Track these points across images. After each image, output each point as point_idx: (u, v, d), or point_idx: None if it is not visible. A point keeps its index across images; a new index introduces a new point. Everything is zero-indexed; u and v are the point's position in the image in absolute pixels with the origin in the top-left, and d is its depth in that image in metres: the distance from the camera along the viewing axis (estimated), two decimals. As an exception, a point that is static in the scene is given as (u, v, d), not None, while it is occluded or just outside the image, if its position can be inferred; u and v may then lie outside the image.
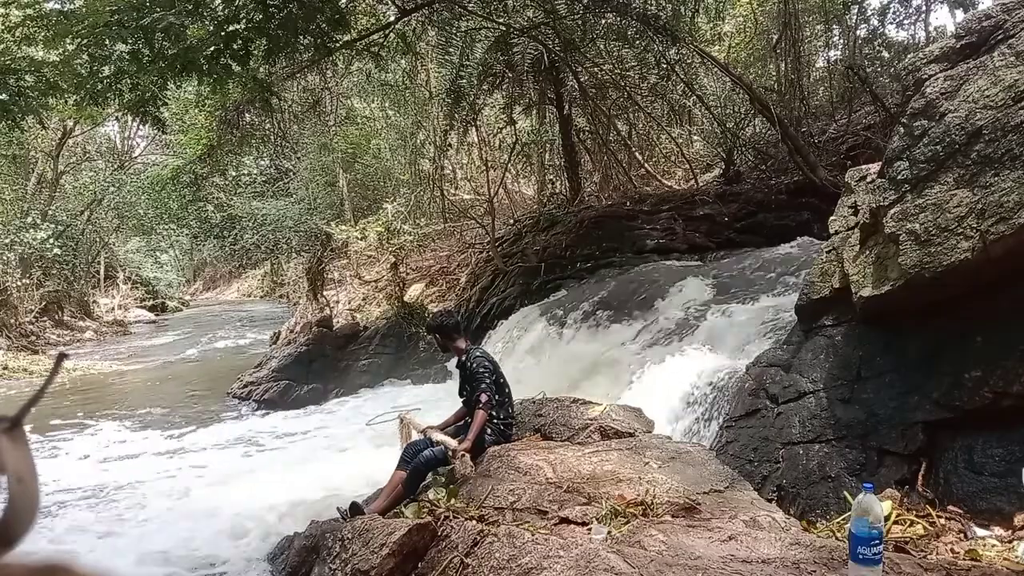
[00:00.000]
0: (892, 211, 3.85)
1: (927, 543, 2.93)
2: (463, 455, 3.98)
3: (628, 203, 11.94)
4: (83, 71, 6.93)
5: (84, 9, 6.46)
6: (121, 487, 6.72)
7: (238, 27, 6.33)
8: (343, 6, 8.01)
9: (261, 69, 8.83)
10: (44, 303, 19.76)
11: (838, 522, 3.14)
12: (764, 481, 4.13)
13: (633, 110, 13.69)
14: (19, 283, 17.91)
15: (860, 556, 2.08)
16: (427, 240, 14.76)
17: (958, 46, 3.86)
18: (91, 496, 6.50)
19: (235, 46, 6.36)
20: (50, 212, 20.48)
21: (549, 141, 14.38)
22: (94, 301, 24.08)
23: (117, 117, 20.35)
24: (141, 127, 22.61)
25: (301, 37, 7.17)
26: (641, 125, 14.51)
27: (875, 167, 4.52)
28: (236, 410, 10.41)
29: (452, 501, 3.53)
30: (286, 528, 4.84)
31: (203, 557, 4.92)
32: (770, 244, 8.87)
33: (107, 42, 6.36)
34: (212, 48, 6.34)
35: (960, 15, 11.70)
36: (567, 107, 12.79)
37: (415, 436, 4.63)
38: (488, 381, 4.33)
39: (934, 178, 3.69)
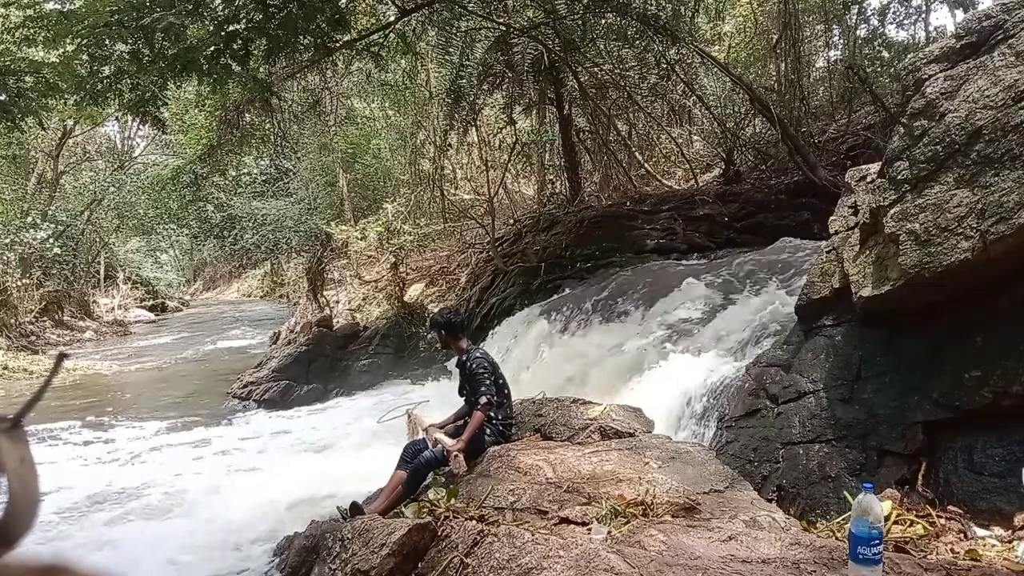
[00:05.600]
0: (892, 211, 3.85)
1: (927, 543, 2.93)
2: (456, 455, 4.00)
3: (628, 203, 11.93)
4: (83, 71, 6.94)
5: (84, 9, 6.47)
6: (119, 487, 6.71)
7: (238, 27, 6.34)
8: (343, 6, 8.01)
9: (261, 69, 8.84)
10: (44, 303, 19.75)
11: (838, 522, 3.14)
12: (764, 481, 4.13)
13: (633, 110, 13.68)
14: (19, 283, 17.89)
15: (860, 556, 2.08)
16: (427, 240, 14.76)
17: (958, 46, 3.87)
18: (89, 496, 6.49)
19: (235, 46, 6.37)
20: (50, 212, 20.47)
21: (549, 141, 14.38)
22: (94, 301, 24.06)
23: (117, 117, 20.39)
24: (141, 127, 22.63)
25: (301, 37, 7.18)
26: (641, 125, 14.50)
27: (875, 167, 4.52)
28: (236, 410, 10.41)
29: (452, 501, 3.53)
30: (286, 528, 4.84)
31: (203, 557, 4.91)
32: (770, 244, 8.87)
33: (107, 42, 6.37)
34: (212, 48, 6.35)
35: (960, 15, 11.72)
36: (567, 107, 12.79)
37: (421, 432, 4.65)
38: (488, 382, 4.33)
39: (934, 178, 3.69)
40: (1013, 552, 2.81)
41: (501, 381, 4.57)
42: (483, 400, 4.25)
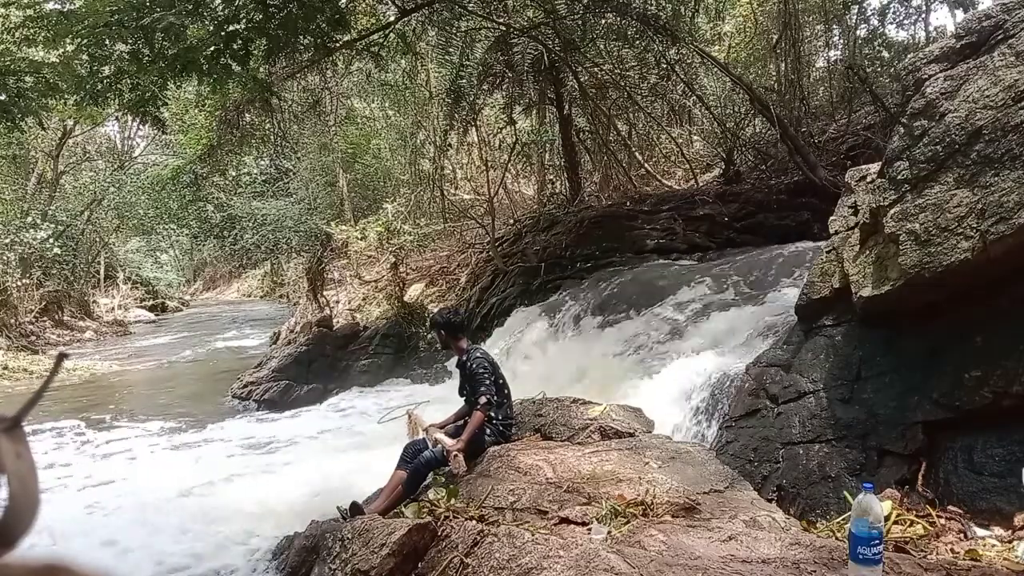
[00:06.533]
0: (892, 211, 3.85)
1: (927, 543, 2.93)
2: (456, 455, 4.00)
3: (628, 203, 11.93)
4: (83, 71, 6.95)
5: (84, 9, 6.47)
6: (120, 487, 6.71)
7: (238, 27, 6.34)
8: (343, 6, 8.01)
9: (261, 69, 8.84)
10: (44, 303, 19.75)
11: (838, 522, 3.14)
12: (764, 481, 4.13)
13: (633, 110, 13.68)
14: (19, 283, 17.89)
15: (860, 556, 2.08)
16: (427, 240, 14.77)
17: (958, 46, 3.87)
18: (89, 496, 6.49)
19: (235, 46, 6.38)
20: (50, 212, 20.48)
21: (549, 141, 14.38)
22: (94, 301, 24.07)
23: (117, 117, 20.38)
24: (141, 127, 22.62)
25: (301, 37, 7.19)
26: (641, 125, 14.50)
27: (875, 167, 4.52)
28: (236, 410, 10.41)
29: (452, 501, 3.53)
30: (286, 528, 4.83)
31: (202, 557, 4.91)
32: (770, 244, 8.87)
33: (107, 42, 6.38)
34: (212, 48, 6.36)
35: (960, 15, 11.71)
36: (567, 107, 12.79)
37: (421, 432, 4.65)
38: (488, 382, 4.33)
39: (934, 178, 3.69)
40: (1013, 552, 2.81)
41: (501, 381, 4.57)
42: (483, 400, 4.25)
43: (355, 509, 4.08)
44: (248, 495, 6.01)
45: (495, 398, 4.37)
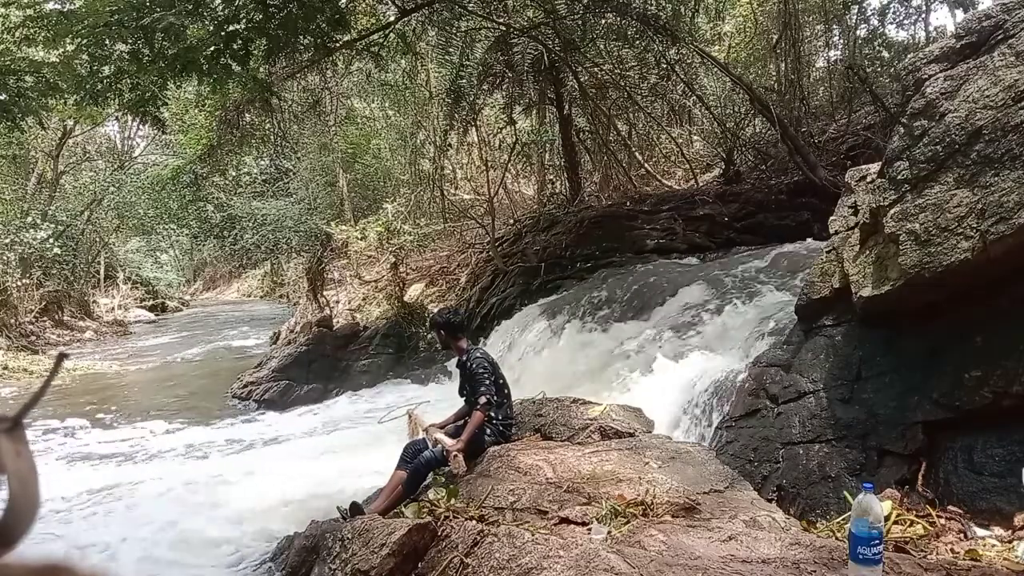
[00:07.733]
0: (892, 211, 3.85)
1: (927, 543, 2.93)
2: (456, 455, 4.00)
3: (628, 203, 11.93)
4: (83, 71, 6.95)
5: (84, 9, 6.47)
6: (119, 487, 6.71)
7: (238, 27, 6.35)
8: (343, 6, 8.02)
9: (261, 69, 8.84)
10: (44, 303, 19.73)
11: (838, 522, 3.14)
12: (764, 481, 4.13)
13: (633, 110, 13.68)
14: (19, 283, 17.87)
15: (860, 556, 2.08)
16: (427, 240, 14.77)
17: (958, 46, 3.87)
18: (89, 496, 6.49)
19: (235, 46, 6.38)
20: (50, 212, 20.46)
21: (549, 141, 14.38)
22: (94, 301, 24.05)
23: (117, 117, 20.37)
24: (141, 127, 22.60)
25: (301, 37, 7.19)
26: (641, 125, 14.50)
27: (875, 167, 4.52)
28: (236, 410, 10.41)
29: (452, 501, 3.53)
30: (286, 528, 4.84)
31: (203, 557, 4.92)
32: (770, 244, 8.87)
33: (107, 42, 6.38)
34: (212, 48, 6.36)
35: (960, 15, 11.71)
36: (567, 107, 12.79)
37: (421, 432, 4.66)
38: (488, 382, 4.33)
39: (934, 178, 3.69)
40: (1013, 552, 2.81)
41: (501, 381, 4.57)
42: (483, 400, 4.25)
43: (355, 509, 4.09)
44: (248, 495, 6.01)
45: (495, 398, 4.37)
